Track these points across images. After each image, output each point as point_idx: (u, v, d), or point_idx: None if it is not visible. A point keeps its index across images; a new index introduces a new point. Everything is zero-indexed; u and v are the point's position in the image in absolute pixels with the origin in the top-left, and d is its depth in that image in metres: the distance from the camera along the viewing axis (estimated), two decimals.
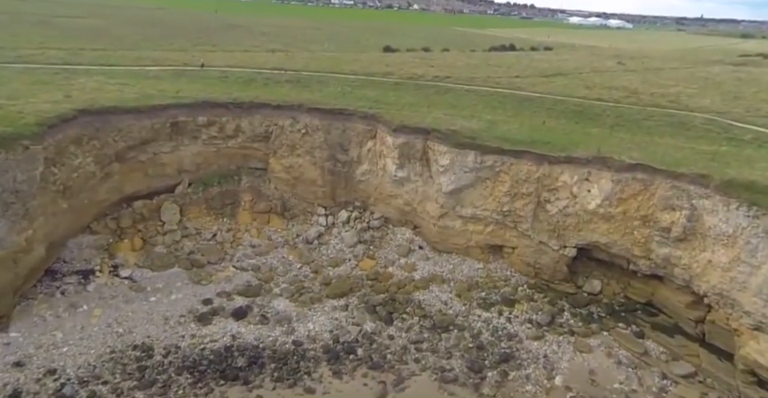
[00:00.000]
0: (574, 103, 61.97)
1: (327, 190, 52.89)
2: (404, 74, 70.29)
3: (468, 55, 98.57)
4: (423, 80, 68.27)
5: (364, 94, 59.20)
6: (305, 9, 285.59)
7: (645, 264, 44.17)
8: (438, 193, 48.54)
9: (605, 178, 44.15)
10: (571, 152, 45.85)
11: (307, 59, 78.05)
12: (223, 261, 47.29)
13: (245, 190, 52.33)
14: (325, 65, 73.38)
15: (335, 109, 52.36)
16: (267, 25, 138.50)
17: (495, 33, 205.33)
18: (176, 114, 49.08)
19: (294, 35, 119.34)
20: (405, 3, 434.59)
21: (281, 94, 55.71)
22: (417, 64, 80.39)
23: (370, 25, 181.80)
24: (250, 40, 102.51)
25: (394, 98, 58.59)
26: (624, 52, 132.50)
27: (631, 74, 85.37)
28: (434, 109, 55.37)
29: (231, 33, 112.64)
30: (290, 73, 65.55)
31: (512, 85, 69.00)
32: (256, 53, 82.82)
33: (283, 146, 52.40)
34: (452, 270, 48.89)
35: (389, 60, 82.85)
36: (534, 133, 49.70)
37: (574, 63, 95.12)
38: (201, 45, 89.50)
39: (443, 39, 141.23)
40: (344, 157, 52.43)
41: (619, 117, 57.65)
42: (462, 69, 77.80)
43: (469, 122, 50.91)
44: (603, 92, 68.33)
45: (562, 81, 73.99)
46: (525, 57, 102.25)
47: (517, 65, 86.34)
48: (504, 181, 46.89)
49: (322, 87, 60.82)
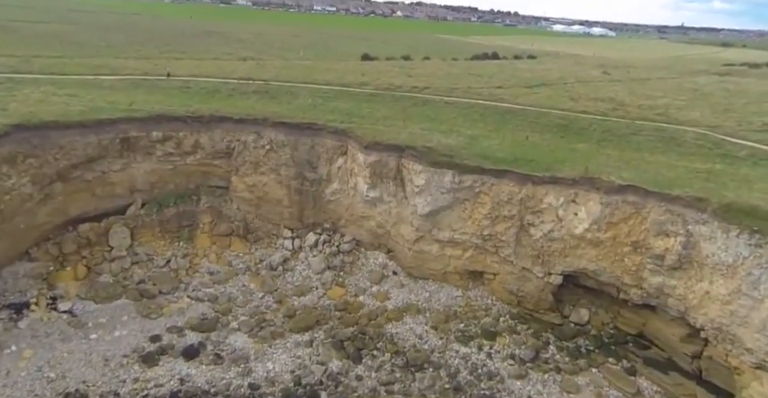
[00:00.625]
0: (559, 116, 58.65)
1: (294, 211, 48.90)
2: (380, 85, 66.60)
3: (449, 64, 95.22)
4: (401, 91, 64.61)
5: (336, 106, 55.39)
6: (286, 15, 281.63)
7: (636, 294, 40.71)
8: (413, 215, 44.75)
9: (593, 200, 40.65)
10: (556, 171, 42.32)
11: (279, 68, 74.10)
12: (177, 291, 43.01)
13: (204, 211, 48.15)
14: (297, 74, 69.49)
15: (303, 123, 48.47)
16: (244, 32, 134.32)
17: (478, 40, 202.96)
18: (127, 129, 44.83)
19: (270, 42, 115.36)
20: (388, 10, 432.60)
21: (245, 107, 51.68)
22: (395, 73, 76.77)
23: (351, 32, 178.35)
24: (222, 47, 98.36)
25: (368, 111, 54.84)
26: (608, 61, 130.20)
27: (617, 85, 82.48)
28: (410, 123, 51.70)
29: (204, 39, 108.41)
30: (259, 84, 61.57)
31: (494, 96, 65.59)
32: (226, 62, 78.73)
33: (246, 163, 48.33)
34: (428, 298, 45.06)
35: (366, 69, 79.16)
36: (516, 150, 46.18)
37: (559, 73, 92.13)
38: (169, 52, 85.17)
39: (425, 47, 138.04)
40: (312, 175, 48.52)
41: (606, 132, 54.43)
42: (442, 79, 74.31)
43: (447, 138, 47.24)
44: (589, 104, 65.16)
45: (546, 92, 70.75)
46: (508, 66, 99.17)
47: (499, 75, 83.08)
48: (484, 203, 43.23)
49: (291, 99, 56.90)
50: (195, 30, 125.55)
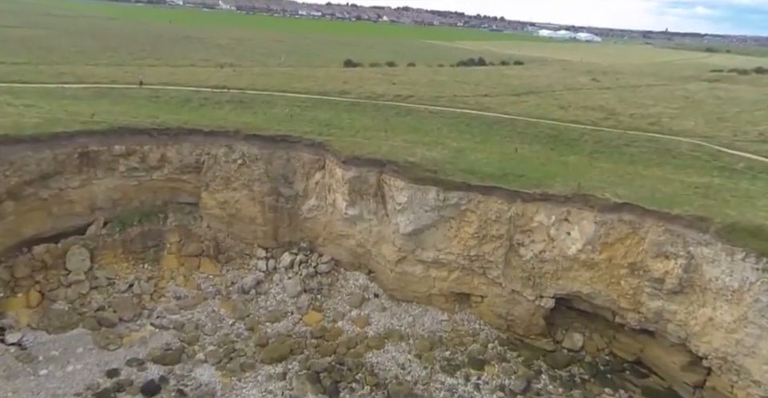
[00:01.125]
0: (549, 126, 56.11)
1: (268, 229, 45.80)
2: (362, 93, 63.74)
3: (434, 71, 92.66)
4: (383, 99, 61.79)
5: (315, 117, 52.43)
6: (270, 20, 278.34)
7: (633, 318, 38.03)
8: (396, 234, 41.81)
9: (587, 219, 37.96)
10: (547, 187, 39.57)
11: (257, 75, 71.03)
12: (139, 318, 39.68)
13: (171, 230, 44.90)
14: (275, 82, 66.45)
15: (278, 135, 45.41)
16: (225, 37, 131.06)
17: (465, 46, 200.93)
18: (86, 143, 41.53)
19: (251, 48, 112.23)
20: (374, 15, 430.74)
21: (217, 118, 48.55)
22: (378, 81, 73.97)
23: (335, 37, 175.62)
24: (200, 53, 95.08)
25: (348, 121, 51.94)
26: (596, 67, 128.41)
27: (607, 92, 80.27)
28: (392, 135, 48.84)
29: (182, 45, 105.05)
30: (234, 92, 58.45)
31: (481, 105, 62.97)
32: (202, 69, 75.52)
33: (217, 179, 45.18)
34: (412, 323, 42.10)
35: (348, 76, 76.32)
36: (504, 164, 43.44)
37: (547, 79, 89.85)
38: (143, 58, 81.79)
39: (410, 53, 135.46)
40: (288, 190, 45.48)
41: (598, 143, 52.00)
42: (427, 87, 71.62)
43: (431, 151, 44.40)
44: (579, 113, 62.75)
45: (535, 101, 68.27)
46: (495, 72, 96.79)
47: (486, 82, 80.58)
48: (471, 222, 40.40)
49: (267, 109, 53.86)
50: (174, 35, 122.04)
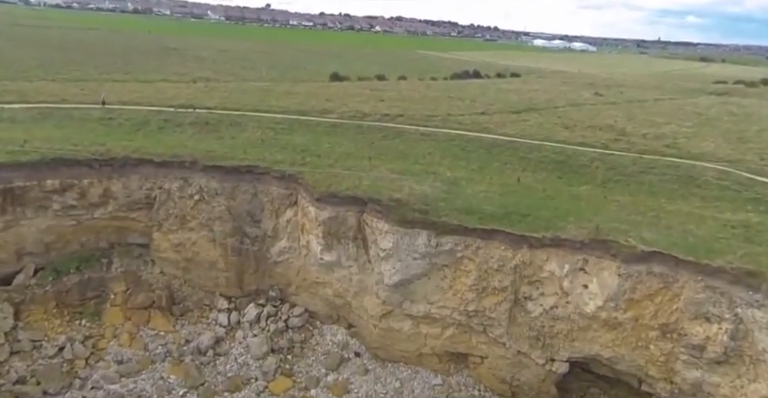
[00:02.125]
0: (554, 150, 49.88)
1: (231, 275, 39.18)
2: (346, 112, 57.39)
3: (427, 85, 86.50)
4: (369, 120, 55.44)
5: (289, 141, 46.05)
6: (260, 30, 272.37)
7: (665, 389, 31.57)
8: (379, 284, 35.26)
9: (608, 270, 31.56)
10: (559, 230, 33.18)
11: (231, 92, 64.62)
12: (69, 390, 32.84)
13: (117, 277, 38.24)
14: (250, 99, 60.04)
15: (242, 165, 38.93)
16: (208, 49, 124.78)
17: (458, 56, 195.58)
18: (10, 177, 34.95)
19: (232, 60, 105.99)
20: (367, 25, 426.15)
21: (174, 144, 42.06)
22: (365, 97, 67.67)
23: (325, 48, 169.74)
24: (176, 66, 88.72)
25: (328, 147, 45.55)
26: (597, 79, 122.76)
27: (613, 108, 74.23)
28: (377, 162, 42.52)
29: (158, 57, 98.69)
30: (200, 113, 52.01)
31: (477, 125, 56.70)
32: (173, 84, 69.07)
33: (171, 217, 38.59)
34: (399, 389, 35.50)
35: (332, 92, 70.01)
36: (507, 199, 37.11)
37: (547, 94, 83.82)
38: (111, 72, 75.31)
39: (402, 64, 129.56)
40: (254, 230, 38.94)
41: (612, 170, 45.83)
42: (419, 104, 65.35)
43: (421, 184, 37.99)
44: (586, 133, 56.57)
45: (536, 119, 62.08)
46: (491, 86, 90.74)
47: (482, 98, 74.41)
48: (468, 271, 33.93)
49: (235, 132, 47.40)
50: (151, 47, 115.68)
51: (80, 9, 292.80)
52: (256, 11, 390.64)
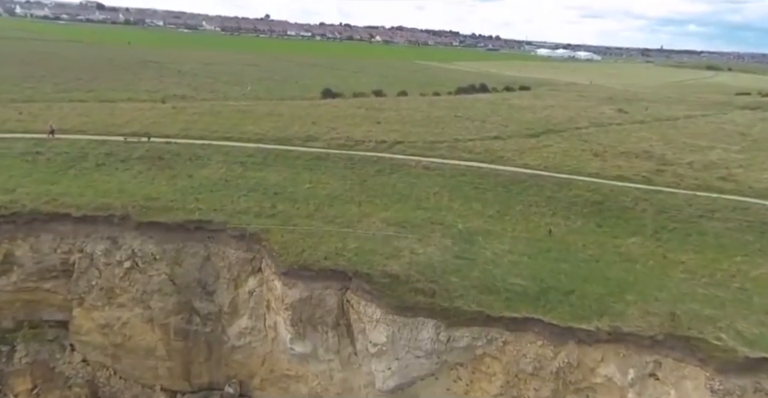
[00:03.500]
0: (587, 186, 40.61)
1: (176, 365, 29.78)
2: (335, 139, 48.21)
3: (430, 102, 77.29)
4: (362, 148, 46.23)
5: (261, 180, 36.88)
6: (255, 41, 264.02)
7: None
8: (369, 388, 25.85)
9: (693, 380, 22.19)
10: (617, 316, 24.02)
11: (203, 113, 55.46)
12: None
13: (21, 371, 28.86)
14: (221, 124, 50.87)
15: (191, 221, 29.64)
16: (192, 62, 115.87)
17: (461, 67, 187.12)
18: None
19: (216, 74, 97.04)
20: (367, 35, 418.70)
21: (107, 189, 32.78)
22: (359, 119, 58.51)
23: (321, 59, 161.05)
24: (150, 82, 79.72)
25: (308, 188, 36.36)
26: (613, 92, 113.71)
27: (643, 128, 64.96)
28: (369, 210, 33.32)
29: (132, 72, 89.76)
30: (156, 142, 42.81)
31: (491, 153, 47.47)
32: (137, 104, 59.95)
33: (94, 289, 29.24)
34: None
35: (320, 113, 60.84)
36: (540, 265, 27.91)
37: (564, 111, 74.62)
38: (70, 91, 66.31)
39: (402, 77, 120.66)
40: (207, 305, 29.62)
41: (663, 213, 36.66)
42: (421, 127, 56.13)
43: (425, 244, 28.77)
44: (622, 163, 47.28)
45: (559, 145, 52.79)
46: (501, 102, 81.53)
47: (493, 117, 65.22)
48: (492, 374, 24.56)
49: (194, 169, 38.19)
50: (129, 60, 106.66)
51: (69, 20, 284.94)
52: (253, 22, 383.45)
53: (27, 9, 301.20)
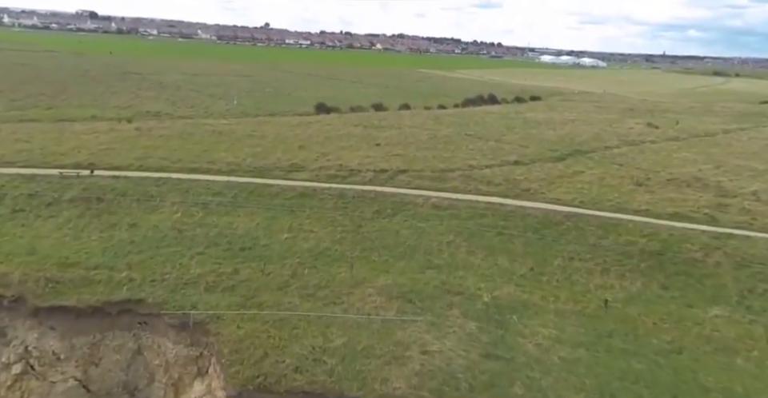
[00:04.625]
0: (639, 229, 32.30)
1: None
2: (324, 168, 39.88)
3: (436, 117, 68.85)
4: (358, 180, 37.88)
5: (224, 231, 28.70)
6: (251, 50, 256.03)
7: None
8: None
9: None
10: None
11: (170, 136, 47.21)
12: None
13: None
14: (189, 150, 42.60)
15: (112, 303, 21.29)
16: (178, 72, 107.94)
17: (466, 75, 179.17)
18: None
19: (203, 86, 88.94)
20: (367, 43, 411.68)
21: (10, 249, 24.49)
22: (355, 140, 50.20)
23: (319, 69, 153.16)
24: (124, 96, 71.63)
25: (286, 240, 28.18)
26: (631, 102, 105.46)
27: (683, 147, 56.54)
28: (364, 273, 25.22)
29: (107, 85, 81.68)
30: (102, 176, 34.52)
31: (514, 184, 39.08)
32: (100, 124, 51.80)
33: None
34: None
35: (312, 132, 52.57)
36: (605, 368, 20.01)
37: (587, 126, 66.31)
38: (28, 108, 58.28)
39: (404, 87, 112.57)
40: None
41: (743, 268, 29.15)
42: (428, 150, 47.82)
43: (441, 335, 20.66)
44: (674, 195, 38.83)
45: (592, 171, 44.39)
46: (515, 116, 73.20)
47: (510, 135, 56.91)
48: None
49: (140, 214, 29.90)
50: (106, 71, 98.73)
51: (59, 30, 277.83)
52: (250, 30, 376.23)
53: (15, 19, 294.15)
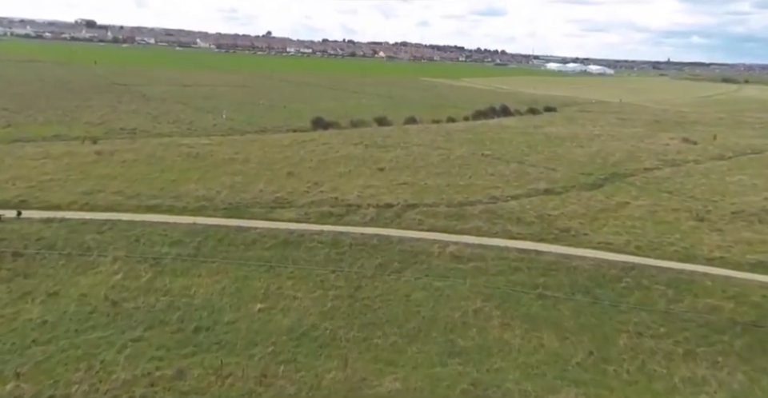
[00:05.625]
0: (721, 289, 25.04)
1: None
2: (316, 203, 32.55)
3: (446, 133, 61.49)
4: (356, 220, 30.55)
5: (176, 299, 21.67)
6: (250, 59, 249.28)
7: None
8: None
9: None
10: None
11: (134, 162, 39.99)
12: None
13: None
14: (154, 181, 35.36)
15: None
16: (167, 83, 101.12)
17: (472, 83, 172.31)
18: None
19: (191, 98, 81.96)
20: (370, 51, 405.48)
21: None
22: (354, 165, 42.93)
23: (320, 78, 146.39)
24: (101, 110, 64.62)
25: (259, 312, 20.97)
26: (655, 113, 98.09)
27: (731, 167, 49.09)
28: (360, 371, 17.63)
29: (85, 98, 74.77)
30: (30, 219, 27.26)
31: (548, 222, 31.67)
32: (54, 145, 44.61)
33: None
34: None
35: (303, 154, 45.31)
36: None
37: (616, 142, 58.96)
38: None
39: (408, 97, 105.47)
40: None
41: None
42: (441, 177, 40.42)
43: None
44: (748, 235, 31.47)
45: (638, 202, 36.92)
46: (534, 132, 65.83)
47: (533, 156, 49.55)
48: None
49: (66, 277, 22.64)
50: (91, 82, 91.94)
51: (53, 39, 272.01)
52: (250, 39, 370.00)
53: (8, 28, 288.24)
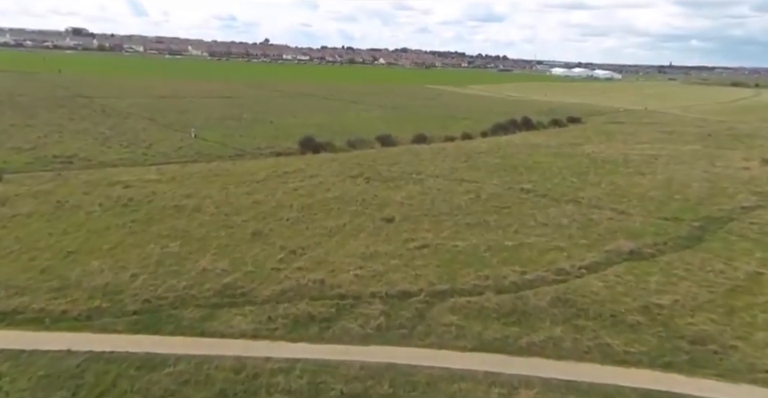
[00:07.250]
0: None
1: None
2: (289, 298, 20.41)
3: (466, 157, 49.04)
4: (356, 331, 18.40)
5: None
6: (243, 67, 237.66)
7: None
8: None
9: None
10: None
11: (30, 217, 28.00)
12: None
13: None
14: (41, 254, 23.32)
15: None
16: (139, 95, 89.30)
17: (479, 91, 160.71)
18: None
19: (162, 112, 70.13)
20: (370, 58, 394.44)
21: None
22: (352, 212, 30.81)
23: (315, 87, 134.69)
24: (42, 130, 52.71)
25: None
26: (691, 121, 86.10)
27: None
28: None
29: (31, 113, 62.99)
30: None
31: (661, 323, 19.54)
32: None
33: None
34: None
35: (280, 195, 33.24)
36: None
37: (682, 166, 46.99)
38: None
39: (414, 109, 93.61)
40: None
41: None
42: (473, 232, 28.24)
43: None
44: None
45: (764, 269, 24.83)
46: (574, 152, 53.70)
47: (590, 191, 37.44)
48: None
49: None
50: (48, 95, 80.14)
51: (33, 47, 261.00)
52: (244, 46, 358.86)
53: None
